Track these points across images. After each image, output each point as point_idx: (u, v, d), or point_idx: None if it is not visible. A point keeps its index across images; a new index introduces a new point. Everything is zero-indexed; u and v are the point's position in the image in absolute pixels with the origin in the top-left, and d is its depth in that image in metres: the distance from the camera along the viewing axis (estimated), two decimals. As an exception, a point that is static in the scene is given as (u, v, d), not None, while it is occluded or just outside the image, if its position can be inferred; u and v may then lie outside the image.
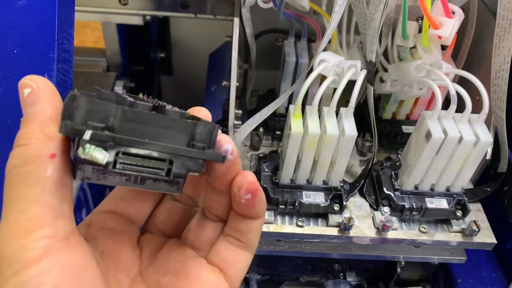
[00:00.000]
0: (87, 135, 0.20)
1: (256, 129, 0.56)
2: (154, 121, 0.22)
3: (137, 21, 0.62)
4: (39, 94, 0.22)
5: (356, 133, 0.43)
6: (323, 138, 0.43)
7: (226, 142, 0.24)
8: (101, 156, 0.21)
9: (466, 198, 0.48)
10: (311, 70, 0.44)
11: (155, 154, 0.22)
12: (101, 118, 0.21)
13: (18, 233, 0.20)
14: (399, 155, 0.51)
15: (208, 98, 0.55)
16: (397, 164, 0.50)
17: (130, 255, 0.28)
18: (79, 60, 0.67)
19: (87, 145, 0.20)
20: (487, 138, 0.43)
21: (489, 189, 0.51)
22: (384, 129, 0.55)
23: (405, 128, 0.55)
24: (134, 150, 0.22)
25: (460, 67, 0.54)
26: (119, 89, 0.62)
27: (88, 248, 0.23)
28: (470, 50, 0.53)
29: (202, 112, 0.27)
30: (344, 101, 0.44)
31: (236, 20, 0.48)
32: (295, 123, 0.43)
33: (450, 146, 0.44)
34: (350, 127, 0.43)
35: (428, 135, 0.43)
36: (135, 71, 0.70)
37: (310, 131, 0.42)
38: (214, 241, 0.28)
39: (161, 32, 0.70)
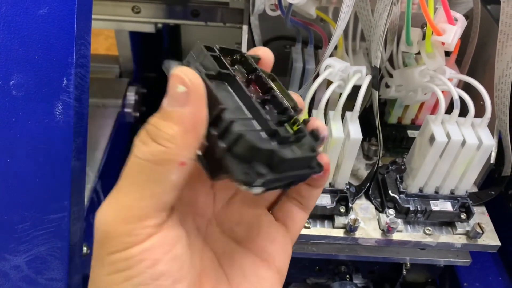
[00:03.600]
0: (257, 190, 0.23)
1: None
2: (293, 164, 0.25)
3: (149, 29, 0.64)
4: (192, 98, 0.22)
5: (361, 136, 0.44)
6: (329, 141, 0.45)
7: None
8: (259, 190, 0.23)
9: (471, 201, 0.49)
10: (317, 75, 0.45)
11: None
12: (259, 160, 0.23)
13: (128, 219, 0.22)
14: (404, 159, 0.52)
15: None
16: (402, 167, 0.51)
17: (205, 199, 0.30)
18: (92, 67, 0.68)
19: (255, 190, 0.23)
20: (489, 141, 0.44)
21: (493, 193, 0.51)
22: (390, 134, 0.57)
23: (411, 133, 0.56)
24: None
25: (464, 72, 0.55)
26: (131, 94, 0.64)
27: (178, 221, 0.25)
28: (474, 56, 0.54)
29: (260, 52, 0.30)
30: (351, 106, 0.45)
31: (245, 28, 0.50)
32: (301, 126, 0.44)
33: (454, 150, 0.45)
34: (355, 131, 0.44)
35: (432, 139, 0.44)
36: (147, 78, 0.72)
37: (316, 134, 0.44)
38: (278, 201, 0.32)
39: (172, 40, 0.72)
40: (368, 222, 0.49)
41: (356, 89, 0.45)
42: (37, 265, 0.35)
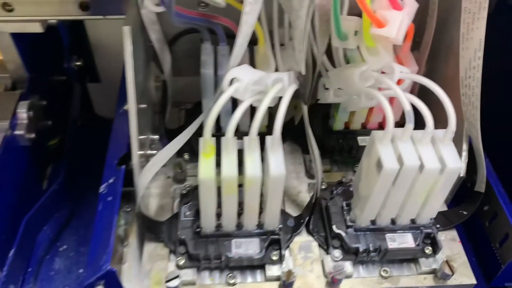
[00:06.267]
0: None
1: (181, 154, 0.46)
2: None
3: (34, 28, 0.51)
4: None
5: (284, 172, 0.32)
6: (244, 179, 0.33)
7: None
8: None
9: (436, 230, 0.38)
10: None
11: None
12: None
13: None
14: (355, 173, 0.41)
15: (116, 123, 0.44)
16: (350, 189, 0.40)
17: None
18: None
19: None
20: (455, 164, 0.33)
21: (465, 213, 0.41)
22: (335, 143, 0.45)
23: (361, 140, 0.45)
24: None
25: (423, 59, 0.43)
26: (22, 111, 0.52)
27: None
28: (435, 39, 0.42)
29: None
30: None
31: (126, 30, 0.36)
32: (204, 165, 0.33)
33: (409, 177, 0.34)
34: (277, 164, 0.33)
35: (379, 165, 0.33)
36: (47, 85, 0.59)
37: (224, 175, 0.32)
38: None
39: (74, 37, 0.59)
40: (309, 266, 0.39)
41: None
42: None
